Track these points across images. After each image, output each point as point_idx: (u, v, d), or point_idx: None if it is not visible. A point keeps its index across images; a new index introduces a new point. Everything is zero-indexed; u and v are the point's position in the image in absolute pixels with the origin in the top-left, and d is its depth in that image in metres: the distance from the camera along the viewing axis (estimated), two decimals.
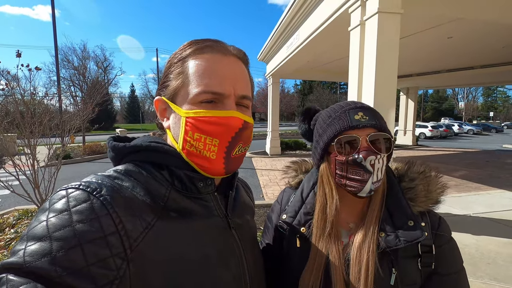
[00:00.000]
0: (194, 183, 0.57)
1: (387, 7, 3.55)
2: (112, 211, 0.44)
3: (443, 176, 0.88)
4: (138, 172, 0.54)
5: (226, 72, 0.56)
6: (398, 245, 0.74)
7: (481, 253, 3.33)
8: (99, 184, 0.47)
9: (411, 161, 0.91)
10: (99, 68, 33.66)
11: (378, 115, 0.80)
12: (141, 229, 0.47)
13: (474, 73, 11.40)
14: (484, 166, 9.56)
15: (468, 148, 15.92)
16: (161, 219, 0.50)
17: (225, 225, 0.61)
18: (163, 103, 0.60)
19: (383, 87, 3.62)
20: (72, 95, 21.97)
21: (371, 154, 0.75)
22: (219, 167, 0.56)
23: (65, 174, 8.25)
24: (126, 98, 59.47)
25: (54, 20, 14.35)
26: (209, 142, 0.54)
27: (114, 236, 0.43)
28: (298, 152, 12.91)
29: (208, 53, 0.56)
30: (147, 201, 0.50)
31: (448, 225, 0.83)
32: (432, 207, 0.82)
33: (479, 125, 35.38)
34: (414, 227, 0.75)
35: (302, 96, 62.57)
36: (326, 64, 10.51)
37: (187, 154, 0.56)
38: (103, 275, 0.40)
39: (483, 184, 6.79)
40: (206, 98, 0.54)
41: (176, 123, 0.57)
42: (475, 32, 6.66)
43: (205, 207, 0.58)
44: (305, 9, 6.11)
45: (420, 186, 0.82)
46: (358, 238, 0.78)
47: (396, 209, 0.79)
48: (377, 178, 0.76)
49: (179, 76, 0.56)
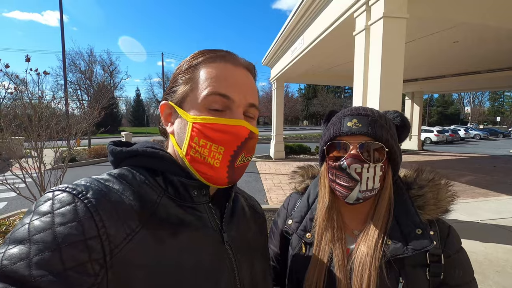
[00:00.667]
0: (188, 191, 0.56)
1: (393, 11, 3.54)
2: (96, 214, 0.43)
3: (453, 183, 0.87)
4: (131, 176, 0.54)
5: (236, 80, 0.56)
6: (405, 254, 0.72)
7: (489, 261, 3.27)
8: (86, 187, 0.46)
9: (420, 168, 0.90)
10: (105, 72, 34.09)
11: (379, 123, 0.79)
12: (124, 235, 0.45)
13: (480, 77, 11.31)
14: (491, 171, 9.41)
15: (475, 153, 15.72)
16: (146, 226, 0.48)
17: (218, 238, 0.58)
18: (169, 108, 0.60)
19: (389, 91, 3.60)
20: (79, 98, 22.24)
21: (356, 162, 0.75)
22: (222, 176, 0.55)
23: (71, 177, 8.27)
24: (132, 102, 60.04)
25: (62, 25, 14.61)
26: (214, 149, 0.54)
27: (95, 240, 0.42)
28: (302, 156, 12.84)
29: (219, 62, 0.57)
30: (135, 206, 0.49)
31: (458, 234, 0.82)
32: (441, 215, 0.81)
33: (486, 130, 34.95)
34: (422, 235, 0.74)
35: (306, 100, 62.61)
36: (330, 68, 10.52)
37: (190, 161, 0.55)
38: (80, 281, 0.39)
39: (490, 190, 6.68)
40: (215, 102, 0.54)
41: (182, 129, 0.56)
42: (481, 36, 6.62)
43: (198, 217, 0.56)
44: (310, 13, 6.14)
45: (429, 194, 0.81)
46: (363, 245, 0.77)
47: (404, 216, 0.78)
48: (366, 187, 0.76)
49: (189, 82, 0.57)
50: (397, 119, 0.87)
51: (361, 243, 0.78)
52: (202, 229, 0.56)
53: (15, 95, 4.03)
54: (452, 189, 0.84)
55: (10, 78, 3.70)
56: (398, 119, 0.87)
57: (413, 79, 13.27)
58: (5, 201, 6.34)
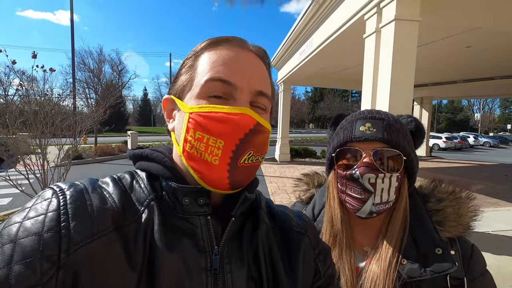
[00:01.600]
0: (177, 197, 0.47)
1: (405, 14, 3.45)
2: (63, 208, 0.41)
3: (475, 197, 0.79)
4: (129, 179, 0.50)
5: (241, 63, 0.48)
6: (423, 276, 0.64)
7: (502, 275, 3.13)
8: (72, 185, 0.45)
9: (438, 178, 0.82)
10: (114, 71, 34.48)
11: (395, 127, 0.71)
12: (88, 234, 0.40)
13: (492, 83, 11.06)
14: (503, 180, 9.16)
15: (485, 161, 15.39)
16: (118, 231, 0.43)
17: (201, 264, 0.45)
18: (171, 103, 0.53)
19: (399, 96, 3.50)
20: (87, 97, 22.51)
21: (370, 171, 0.67)
22: (222, 176, 0.45)
23: (77, 174, 8.38)
24: (139, 101, 60.70)
25: (72, 23, 14.81)
26: (212, 143, 0.44)
27: (52, 234, 0.38)
28: (308, 159, 12.74)
29: (223, 45, 0.49)
30: (115, 209, 0.44)
31: (482, 255, 0.73)
32: (463, 233, 0.72)
33: (496, 137, 34.29)
34: (442, 255, 0.66)
35: (313, 104, 62.45)
36: (339, 71, 10.41)
37: (187, 158, 0.47)
38: (23, 277, 0.36)
39: (501, 200, 6.48)
40: (215, 89, 0.46)
41: (180, 122, 0.49)
42: (495, 42, 6.45)
43: (185, 233, 0.46)
44: (319, 16, 6.07)
45: (449, 209, 0.73)
46: (375, 264, 0.70)
47: (421, 233, 0.70)
48: (380, 200, 0.68)
49: (189, 70, 0.50)
50: (411, 124, 0.79)
51: (372, 261, 0.71)
52: (187, 248, 0.45)
53: (21, 92, 4.05)
54: (474, 203, 0.76)
55: (16, 74, 3.71)
56: (412, 124, 0.79)
57: (423, 84, 13.06)
58: (10, 196, 6.38)
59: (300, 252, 0.53)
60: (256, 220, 0.54)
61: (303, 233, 0.56)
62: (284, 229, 0.56)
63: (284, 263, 0.52)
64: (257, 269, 0.49)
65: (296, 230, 0.57)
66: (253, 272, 0.48)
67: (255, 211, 0.55)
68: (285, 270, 0.51)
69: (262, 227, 0.53)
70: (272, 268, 0.50)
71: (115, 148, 13.80)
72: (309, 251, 0.55)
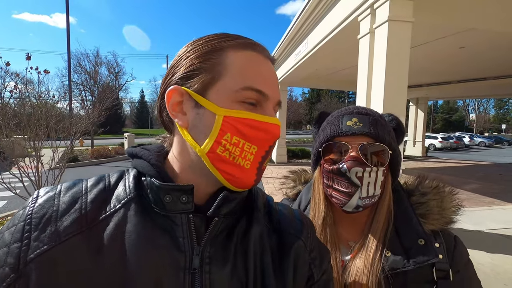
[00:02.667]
0: (159, 195, 0.47)
1: (398, 15, 3.48)
2: (29, 218, 0.44)
3: (458, 192, 0.80)
4: (116, 178, 0.52)
5: (268, 75, 0.50)
6: (406, 267, 0.65)
7: (496, 273, 3.15)
8: (49, 190, 0.48)
9: (422, 175, 0.84)
10: (111, 73, 34.34)
11: (381, 123, 0.73)
12: (47, 242, 0.42)
13: (487, 84, 11.18)
14: (498, 180, 9.24)
15: (480, 160, 15.51)
16: (84, 233, 0.43)
17: (180, 263, 0.45)
18: (180, 95, 0.49)
19: (393, 96, 3.53)
20: (83, 99, 22.41)
21: (357, 165, 0.68)
22: (251, 179, 0.48)
23: (71, 176, 8.27)
24: (136, 103, 60.47)
25: (68, 25, 14.75)
26: (247, 149, 0.47)
27: (16, 244, 0.42)
28: (305, 160, 12.75)
29: (251, 51, 0.49)
30: (83, 210, 0.45)
31: (464, 245, 0.74)
32: (446, 226, 0.73)
33: (491, 137, 34.58)
34: (425, 246, 0.67)
35: (310, 105, 62.62)
36: (334, 72, 10.46)
37: (213, 160, 0.46)
38: None
39: (496, 199, 6.54)
40: (249, 97, 0.47)
41: (205, 121, 0.47)
42: (488, 42, 6.52)
43: (165, 230, 0.46)
44: (314, 17, 6.10)
45: (432, 202, 0.74)
46: (359, 258, 0.71)
47: (405, 226, 0.71)
48: (367, 194, 0.69)
49: (215, 67, 0.47)
50: (392, 123, 0.81)
51: (357, 255, 0.72)
52: (163, 246, 0.45)
53: (15, 94, 4.02)
54: (457, 197, 0.78)
55: (10, 76, 3.69)
56: (393, 122, 0.81)
57: (418, 84, 13.16)
58: (4, 200, 6.32)
59: (290, 256, 0.52)
60: (250, 221, 0.53)
61: (297, 237, 0.55)
62: (279, 231, 0.55)
63: (275, 266, 0.50)
64: (244, 271, 0.48)
65: (291, 233, 0.55)
66: (239, 273, 0.47)
67: (251, 211, 0.55)
68: (275, 274, 0.50)
69: (255, 228, 0.52)
70: (261, 271, 0.49)
71: (111, 150, 13.73)
72: (303, 256, 0.54)
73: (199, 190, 0.49)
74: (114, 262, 0.42)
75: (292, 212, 0.61)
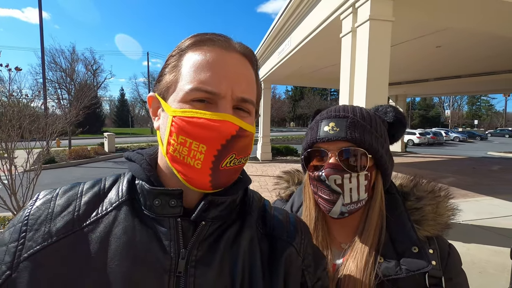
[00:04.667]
0: (149, 199, 0.48)
1: (379, 14, 3.56)
2: (26, 219, 0.47)
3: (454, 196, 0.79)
4: (111, 181, 0.54)
5: (225, 69, 0.47)
6: (398, 275, 0.65)
7: (472, 262, 3.31)
8: (48, 193, 0.51)
9: (417, 177, 0.82)
10: (88, 71, 33.03)
11: (360, 124, 0.70)
12: (40, 242, 0.44)
13: (460, 81, 11.72)
14: (471, 173, 9.72)
15: (455, 155, 16.24)
16: (76, 234, 0.46)
17: (169, 266, 0.45)
18: (156, 101, 0.52)
19: (375, 93, 3.61)
20: (59, 98, 21.44)
21: (335, 172, 0.66)
22: (205, 179, 0.46)
23: (48, 179, 7.95)
24: (116, 102, 58.60)
25: (41, 20, 14.03)
26: (195, 148, 0.45)
27: (13, 244, 0.45)
28: (289, 157, 12.86)
29: (208, 46, 0.48)
30: (76, 212, 0.48)
31: (458, 253, 0.74)
32: (441, 232, 0.73)
33: (465, 132, 36.27)
34: (419, 254, 0.66)
35: (293, 102, 63.16)
36: (317, 70, 10.59)
37: (170, 160, 0.48)
38: None
39: (470, 191, 6.87)
40: (197, 97, 0.46)
41: (164, 123, 0.49)
42: (463, 42, 6.82)
43: (153, 234, 0.47)
44: (297, 15, 6.13)
45: (428, 207, 0.73)
46: (351, 262, 0.70)
47: (400, 232, 0.70)
48: (350, 200, 0.68)
49: (173, 70, 0.49)
50: (389, 115, 0.77)
51: (349, 259, 0.71)
52: (149, 248, 0.46)
53: None
54: (452, 202, 0.77)
55: None
56: (390, 114, 0.77)
57: (397, 82, 13.57)
58: None
59: (281, 263, 0.51)
60: (242, 225, 0.53)
61: (289, 243, 0.54)
62: (272, 237, 0.54)
63: (265, 272, 0.50)
64: (231, 275, 0.47)
65: (283, 239, 0.54)
66: (225, 278, 0.47)
67: (244, 215, 0.54)
68: (263, 279, 0.49)
69: (246, 233, 0.52)
70: (249, 276, 0.48)
71: (91, 151, 13.26)
72: (295, 262, 0.53)
73: (189, 194, 0.49)
74: (101, 263, 0.44)
75: (287, 217, 0.59)
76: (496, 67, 9.81)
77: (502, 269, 3.11)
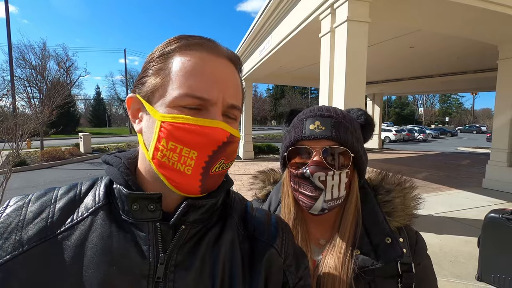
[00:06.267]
0: (127, 203, 0.47)
1: (356, 15, 3.67)
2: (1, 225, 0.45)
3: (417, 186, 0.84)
4: (88, 186, 0.52)
5: (215, 75, 0.47)
6: (374, 265, 0.68)
7: (444, 252, 3.51)
8: (20, 199, 0.49)
9: (384, 170, 0.87)
10: (61, 68, 31.48)
11: (343, 125, 0.73)
12: (11, 250, 0.43)
13: (432, 81, 12.35)
14: (443, 167, 10.23)
15: (428, 150, 17.03)
16: (48, 241, 0.44)
17: (147, 271, 0.45)
18: (137, 102, 0.50)
19: (353, 92, 3.72)
20: (29, 96, 20.31)
21: (320, 170, 0.69)
22: (194, 185, 0.46)
23: (19, 182, 7.52)
24: (91, 100, 56.26)
25: (8, 13, 13.21)
26: (186, 154, 0.45)
27: None
28: (271, 155, 12.95)
29: (197, 50, 0.47)
30: (49, 219, 0.46)
31: (424, 240, 0.80)
32: (408, 221, 0.78)
33: (437, 129, 38.09)
34: (392, 244, 0.70)
35: (275, 101, 63.49)
36: (298, 69, 10.73)
37: (157, 165, 0.46)
38: None
39: (442, 185, 7.23)
40: (188, 103, 0.45)
41: (149, 127, 0.48)
42: (434, 43, 7.17)
43: (131, 239, 0.46)
44: (277, 14, 6.17)
45: (397, 199, 0.78)
46: (330, 257, 0.72)
47: (374, 225, 0.74)
48: (331, 196, 0.71)
49: (160, 72, 0.47)
50: (361, 118, 0.81)
51: (328, 255, 0.73)
52: (126, 254, 0.45)
53: None
54: (417, 192, 0.81)
55: None
56: (362, 117, 0.81)
57: (374, 81, 14.04)
58: None
59: (262, 264, 0.51)
60: (223, 227, 0.53)
61: (269, 244, 0.54)
62: (253, 238, 0.55)
63: (245, 275, 0.50)
64: (211, 278, 0.47)
65: (264, 241, 0.54)
66: (205, 281, 0.47)
67: (225, 217, 0.54)
68: (243, 281, 0.49)
69: (227, 235, 0.52)
70: (229, 278, 0.48)
71: (65, 152, 12.65)
72: (276, 263, 0.53)
73: (168, 197, 0.49)
74: (76, 270, 0.43)
75: (269, 218, 0.60)
76: (465, 67, 10.42)
77: (471, 257, 3.31)
